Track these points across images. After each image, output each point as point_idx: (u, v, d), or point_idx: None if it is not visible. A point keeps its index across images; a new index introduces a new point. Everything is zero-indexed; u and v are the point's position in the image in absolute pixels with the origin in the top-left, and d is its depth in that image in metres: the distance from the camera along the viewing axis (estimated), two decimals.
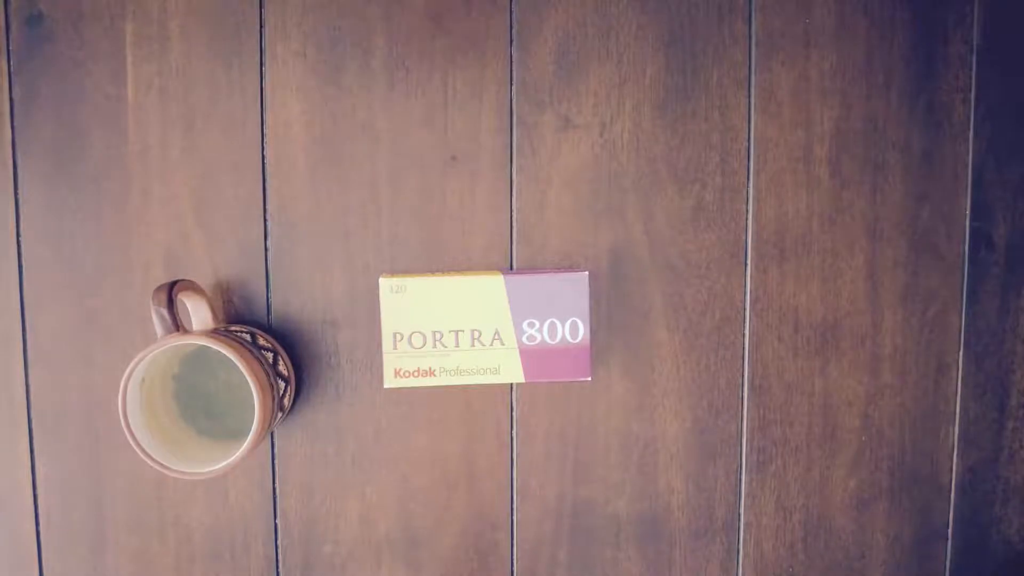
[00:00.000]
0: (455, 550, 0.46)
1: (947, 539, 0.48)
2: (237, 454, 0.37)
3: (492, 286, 0.41)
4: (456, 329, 0.41)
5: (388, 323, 0.41)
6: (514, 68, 0.44)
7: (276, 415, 0.40)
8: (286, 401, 0.41)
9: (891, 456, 0.47)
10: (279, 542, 0.46)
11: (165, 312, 0.37)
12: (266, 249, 0.44)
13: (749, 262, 0.45)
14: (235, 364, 0.37)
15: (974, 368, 0.47)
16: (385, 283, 0.41)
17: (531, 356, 0.41)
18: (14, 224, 0.43)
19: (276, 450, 0.45)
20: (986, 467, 0.47)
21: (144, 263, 0.44)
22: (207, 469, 0.37)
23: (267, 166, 0.44)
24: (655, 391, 0.46)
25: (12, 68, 0.43)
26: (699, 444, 0.46)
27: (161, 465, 0.37)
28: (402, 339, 0.41)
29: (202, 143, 0.43)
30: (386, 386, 0.41)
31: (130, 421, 0.37)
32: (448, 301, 0.41)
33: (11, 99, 0.43)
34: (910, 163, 0.45)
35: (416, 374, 0.41)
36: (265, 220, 0.44)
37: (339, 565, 0.46)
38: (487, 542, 0.46)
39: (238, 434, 0.41)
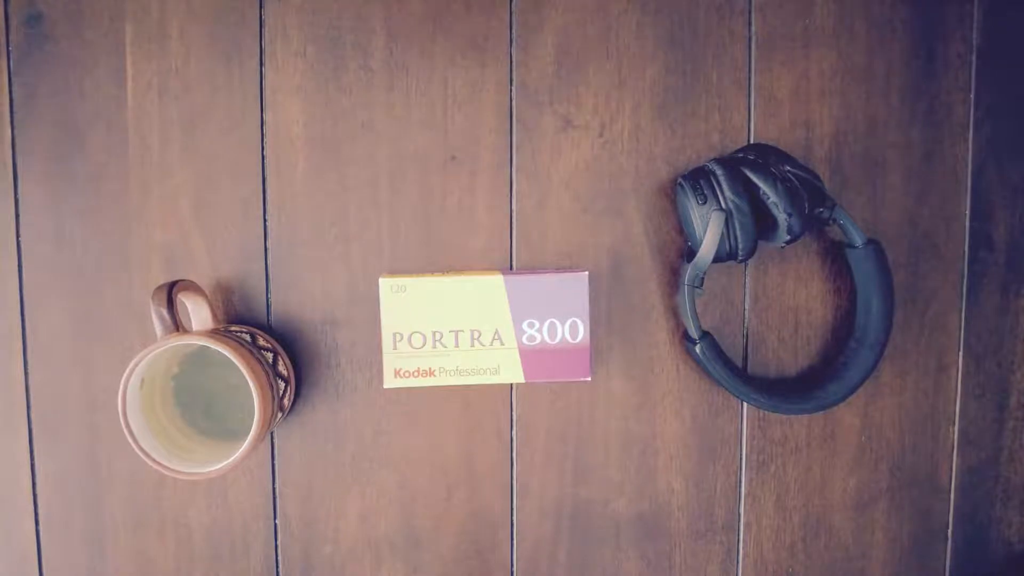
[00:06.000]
0: (455, 550, 0.46)
1: (947, 539, 0.48)
2: (237, 454, 0.37)
3: (492, 286, 0.41)
4: (456, 329, 0.41)
5: (388, 323, 0.41)
6: (514, 68, 0.44)
7: (276, 415, 0.40)
8: (286, 401, 0.41)
9: (891, 456, 0.47)
10: (279, 542, 0.46)
11: (165, 312, 0.37)
12: (266, 249, 0.44)
13: (749, 262, 0.45)
14: (235, 364, 0.37)
15: (974, 368, 0.47)
16: (385, 283, 0.41)
17: (531, 356, 0.41)
18: (14, 224, 0.43)
19: (276, 450, 0.45)
20: (986, 467, 0.47)
21: (144, 263, 0.44)
22: (207, 469, 0.37)
23: (267, 166, 0.44)
24: (655, 391, 0.46)
25: (12, 68, 0.43)
26: (699, 444, 0.46)
27: (161, 465, 0.37)
28: (402, 339, 0.41)
29: (202, 143, 0.43)
30: (386, 386, 0.41)
31: (130, 421, 0.37)
32: (448, 301, 0.41)
33: (11, 99, 0.43)
34: (910, 163, 0.45)
35: (416, 374, 0.41)
36: (265, 220, 0.44)
37: (339, 565, 0.46)
38: (487, 542, 0.46)
39: (238, 434, 0.41)
